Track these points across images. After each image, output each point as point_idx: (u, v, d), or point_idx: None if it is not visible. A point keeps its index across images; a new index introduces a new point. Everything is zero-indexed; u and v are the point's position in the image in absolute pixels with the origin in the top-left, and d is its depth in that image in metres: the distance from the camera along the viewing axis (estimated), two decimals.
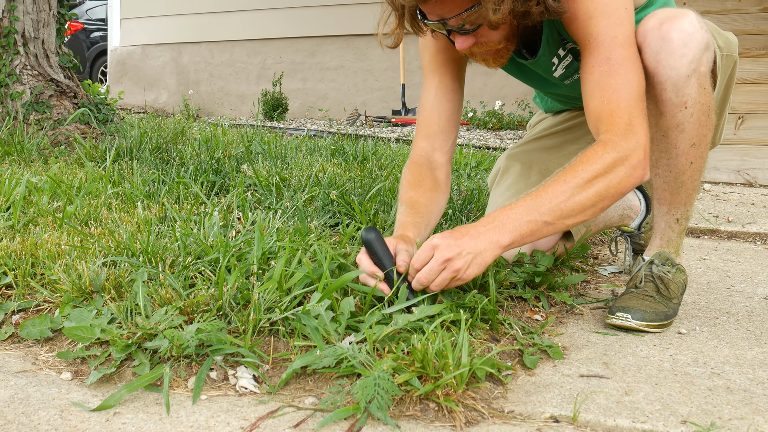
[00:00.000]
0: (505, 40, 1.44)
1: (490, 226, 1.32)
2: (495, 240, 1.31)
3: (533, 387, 1.20)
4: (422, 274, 1.30)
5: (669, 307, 1.48)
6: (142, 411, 1.07)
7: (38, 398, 1.10)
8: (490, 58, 1.48)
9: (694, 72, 1.39)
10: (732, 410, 1.13)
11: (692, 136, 1.44)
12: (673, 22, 1.39)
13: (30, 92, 3.39)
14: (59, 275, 1.42)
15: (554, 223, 1.32)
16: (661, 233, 1.59)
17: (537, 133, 1.95)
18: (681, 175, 1.49)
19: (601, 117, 1.38)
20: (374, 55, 7.49)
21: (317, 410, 1.08)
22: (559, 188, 1.32)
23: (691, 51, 1.38)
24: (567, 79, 1.65)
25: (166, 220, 1.88)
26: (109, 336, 1.20)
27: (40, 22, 3.49)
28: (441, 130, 1.66)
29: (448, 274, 1.29)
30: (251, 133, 3.80)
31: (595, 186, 1.32)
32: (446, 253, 1.29)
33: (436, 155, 1.66)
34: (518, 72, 1.72)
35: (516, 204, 1.34)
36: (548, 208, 1.31)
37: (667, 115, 1.43)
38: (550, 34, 1.51)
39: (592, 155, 1.34)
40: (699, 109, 1.42)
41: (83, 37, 10.93)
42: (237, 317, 1.29)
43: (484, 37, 1.41)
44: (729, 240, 2.50)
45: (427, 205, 1.56)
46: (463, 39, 1.40)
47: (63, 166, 2.66)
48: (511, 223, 1.31)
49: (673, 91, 1.40)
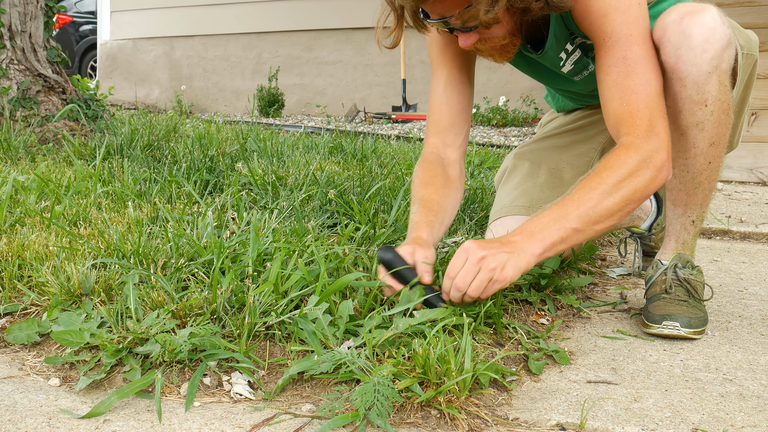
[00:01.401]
0: (510, 35, 1.45)
1: (520, 237, 1.34)
2: (527, 249, 1.33)
3: (539, 393, 1.20)
4: (459, 279, 1.31)
5: (703, 311, 1.49)
6: (133, 418, 1.07)
7: (25, 405, 1.10)
8: (496, 53, 1.50)
9: (715, 69, 1.39)
10: (745, 417, 1.13)
11: (712, 135, 1.44)
12: (695, 17, 1.38)
13: (17, 88, 3.39)
14: (47, 277, 1.42)
15: (584, 230, 1.35)
16: (676, 235, 1.59)
17: (547, 131, 1.96)
18: (698, 176, 1.49)
19: (621, 119, 1.40)
20: (374, 49, 7.49)
21: (315, 417, 1.08)
22: (586, 195, 1.35)
23: (713, 47, 1.38)
24: (576, 75, 1.65)
25: (157, 220, 1.88)
26: (99, 340, 1.20)
27: (27, 15, 3.49)
28: (452, 125, 1.67)
29: (484, 275, 1.30)
30: (246, 130, 3.80)
31: (622, 191, 1.35)
32: (479, 252, 1.30)
33: (448, 151, 1.67)
34: (528, 67, 1.73)
35: (543, 214, 1.36)
36: (576, 215, 1.34)
37: (686, 113, 1.43)
38: (557, 28, 1.52)
39: (615, 160, 1.36)
40: (719, 107, 1.42)
41: (72, 30, 10.92)
42: (231, 321, 1.29)
43: (487, 34, 1.42)
44: (742, 241, 2.50)
45: (440, 203, 1.57)
46: (465, 36, 1.42)
47: (51, 164, 2.66)
48: (541, 232, 1.33)
49: (694, 89, 1.40)
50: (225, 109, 8.32)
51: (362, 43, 7.56)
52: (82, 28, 11.02)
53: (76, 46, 10.86)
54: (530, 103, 6.43)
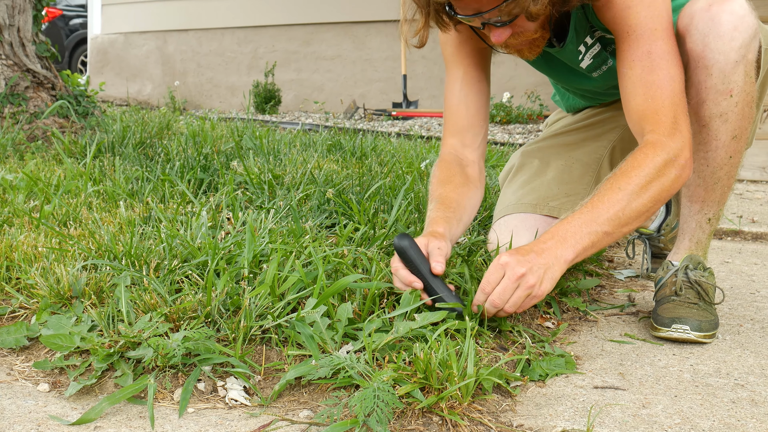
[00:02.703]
0: (541, 29, 1.46)
1: (552, 242, 1.34)
2: (560, 255, 1.33)
3: (544, 399, 1.20)
4: (496, 295, 1.31)
5: (714, 315, 1.49)
6: (124, 425, 1.07)
7: (13, 411, 1.10)
8: (525, 48, 1.50)
9: (742, 58, 1.40)
10: (757, 424, 1.13)
11: (735, 127, 1.45)
12: (723, 4, 1.39)
13: (5, 83, 3.39)
14: (36, 279, 1.42)
15: (613, 233, 1.36)
16: (690, 234, 1.58)
17: (555, 130, 1.96)
18: (718, 170, 1.49)
19: (645, 115, 1.41)
20: (373, 43, 7.49)
21: (312, 424, 1.08)
22: (615, 196, 1.36)
23: (741, 35, 1.39)
24: (595, 70, 1.65)
25: (150, 220, 1.88)
26: (90, 345, 1.20)
27: (16, 8, 3.49)
28: (470, 125, 1.68)
29: (522, 292, 1.30)
30: (242, 127, 3.80)
31: (650, 191, 1.37)
32: (519, 269, 1.30)
33: (467, 152, 1.68)
34: (545, 65, 1.73)
35: (573, 217, 1.37)
36: (606, 218, 1.35)
37: (710, 103, 1.43)
38: (578, 20, 1.53)
39: (642, 158, 1.38)
40: (744, 99, 1.43)
41: (62, 24, 10.93)
42: (226, 324, 1.29)
43: (521, 27, 1.42)
44: (754, 242, 2.50)
45: (458, 200, 1.58)
46: (500, 32, 1.40)
47: (40, 162, 2.66)
48: (572, 237, 1.34)
49: (719, 78, 1.41)
50: (220, 105, 8.32)
51: (361, 38, 7.56)
52: (72, 21, 11.03)
53: (66, 40, 10.86)
54: (535, 99, 6.43)
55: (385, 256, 1.64)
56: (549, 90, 6.45)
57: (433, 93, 7.25)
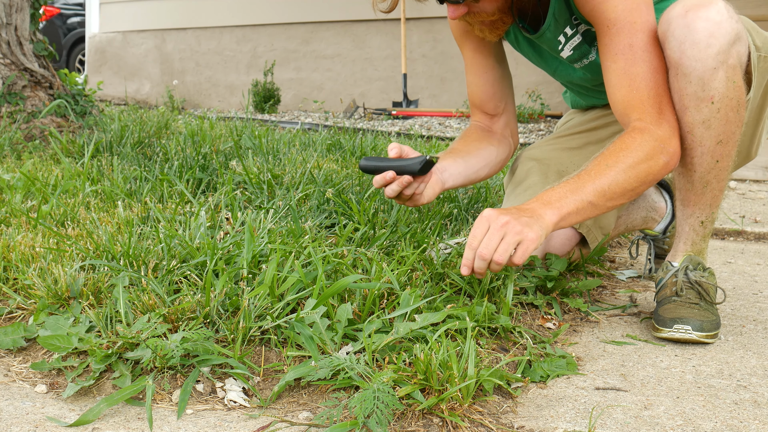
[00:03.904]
0: (500, 12, 1.52)
1: (536, 204, 1.37)
2: (543, 214, 1.35)
3: (545, 401, 1.20)
4: (483, 247, 1.31)
5: (715, 314, 1.49)
6: (122, 426, 1.07)
7: (11, 413, 1.10)
8: (486, 28, 1.58)
9: (721, 64, 1.39)
10: (760, 426, 1.13)
11: (719, 132, 1.44)
12: (699, 11, 1.39)
13: (2, 82, 3.39)
14: (33, 280, 1.42)
15: (598, 204, 1.39)
16: (685, 237, 1.59)
17: (561, 131, 1.97)
18: (706, 175, 1.49)
19: (630, 104, 1.44)
20: (374, 42, 7.49)
21: (312, 426, 1.08)
22: (603, 171, 1.39)
23: (718, 42, 1.38)
24: (576, 62, 1.67)
25: (148, 220, 1.88)
26: (88, 345, 1.20)
27: (13, 6, 3.49)
28: (488, 98, 1.80)
29: (511, 238, 1.31)
30: (241, 126, 3.81)
31: (637, 171, 1.40)
32: (502, 218, 1.32)
33: (489, 121, 1.81)
34: (532, 52, 1.77)
35: (559, 185, 1.40)
36: (592, 189, 1.38)
37: (692, 110, 1.43)
38: (558, 9, 1.56)
39: (631, 141, 1.41)
40: (727, 104, 1.42)
41: (59, 23, 10.92)
42: (225, 325, 1.29)
43: (476, 8, 1.49)
44: (756, 242, 2.50)
45: (465, 150, 1.69)
46: (453, 8, 1.49)
47: (37, 162, 2.67)
48: (557, 201, 1.37)
49: (699, 85, 1.40)
50: (218, 104, 8.32)
51: (361, 36, 7.56)
52: (69, 20, 11.02)
53: (64, 39, 10.86)
54: (536, 99, 6.42)
55: (385, 256, 1.64)
56: (550, 89, 6.46)
57: (434, 92, 7.25)
